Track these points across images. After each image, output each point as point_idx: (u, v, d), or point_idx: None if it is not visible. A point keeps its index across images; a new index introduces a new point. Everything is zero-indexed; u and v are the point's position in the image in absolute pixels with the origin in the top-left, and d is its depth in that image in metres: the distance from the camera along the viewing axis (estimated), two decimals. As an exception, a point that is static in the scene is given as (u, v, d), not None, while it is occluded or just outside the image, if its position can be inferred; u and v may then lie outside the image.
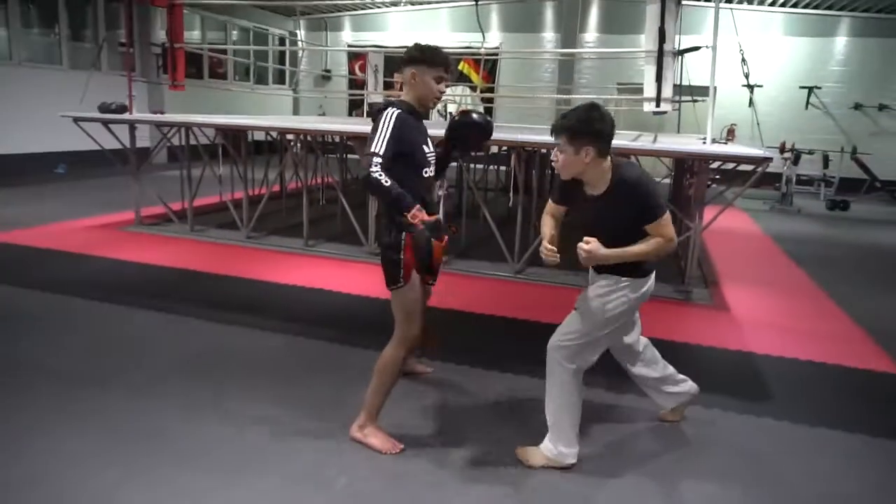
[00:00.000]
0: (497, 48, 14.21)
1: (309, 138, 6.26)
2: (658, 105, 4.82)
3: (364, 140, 5.51)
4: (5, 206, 7.16)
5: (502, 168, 9.75)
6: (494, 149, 9.24)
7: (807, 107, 13.16)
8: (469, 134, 2.77)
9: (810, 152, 11.57)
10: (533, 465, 2.49)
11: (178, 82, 6.56)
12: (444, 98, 2.51)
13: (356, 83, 15.23)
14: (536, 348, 3.72)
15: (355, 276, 5.08)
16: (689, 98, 5.66)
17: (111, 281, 4.65)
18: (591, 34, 14.27)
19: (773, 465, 2.61)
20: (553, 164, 2.34)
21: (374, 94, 10.67)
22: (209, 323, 3.88)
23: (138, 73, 11.91)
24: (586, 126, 2.21)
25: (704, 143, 4.74)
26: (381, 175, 2.30)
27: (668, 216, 2.28)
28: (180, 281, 4.76)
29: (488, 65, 14.77)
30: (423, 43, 2.56)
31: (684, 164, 6.72)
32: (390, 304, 2.56)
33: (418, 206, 2.33)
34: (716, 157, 4.38)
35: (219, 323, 3.88)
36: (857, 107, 13.00)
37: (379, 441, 2.57)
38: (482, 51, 9.78)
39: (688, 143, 5.35)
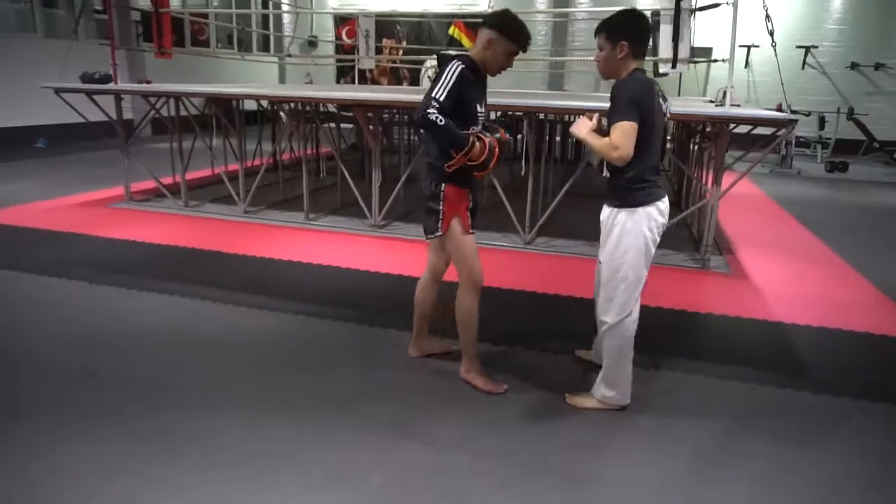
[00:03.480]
0: (488, 11, 13.79)
1: (306, 107, 5.99)
2: (674, 66, 4.61)
3: (365, 107, 5.29)
4: (-14, 184, 6.84)
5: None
6: (495, 115, 9.02)
7: (803, 67, 12.94)
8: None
9: (807, 114, 11.42)
10: (586, 407, 2.66)
11: (166, 49, 6.22)
12: (434, 63, 2.51)
13: (343, 49, 14.78)
14: (549, 322, 3.62)
15: (362, 251, 4.89)
16: (703, 59, 5.44)
17: (105, 261, 4.42)
18: (584, -5, 13.89)
19: (819, 444, 2.51)
20: (596, 64, 2.50)
21: (366, 60, 10.30)
22: (214, 304, 3.69)
23: (116, 41, 11.45)
24: (621, 24, 2.43)
25: (715, 105, 4.57)
26: (437, 116, 2.35)
27: (626, 125, 2.31)
28: (178, 260, 4.55)
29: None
30: (512, 13, 2.55)
31: (691, 128, 6.54)
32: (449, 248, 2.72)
33: (465, 149, 2.44)
34: (740, 120, 4.20)
35: (224, 304, 3.69)
36: (854, 66, 12.82)
37: (482, 382, 2.75)
38: (483, 10, 9.42)
39: (701, 107, 5.17)
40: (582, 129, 2.47)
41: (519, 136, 8.99)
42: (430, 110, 2.35)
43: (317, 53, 15.28)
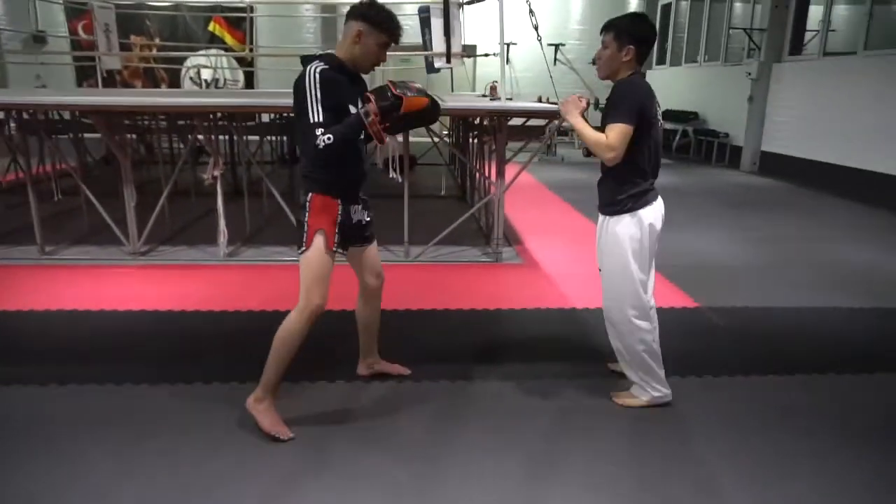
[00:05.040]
0: (251, 4, 12.93)
1: (26, 115, 4.89)
2: (448, 61, 4.56)
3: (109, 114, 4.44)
4: None
5: (275, 138, 8.95)
6: (266, 117, 8.41)
7: (555, 63, 14.19)
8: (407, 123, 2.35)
9: (564, 104, 12.57)
10: (636, 405, 2.67)
11: None
12: (195, 63, 2.17)
13: (81, 46, 12.78)
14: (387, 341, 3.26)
15: (121, 286, 4.08)
16: (478, 54, 5.50)
17: None
18: (350, -9, 13.71)
19: (624, 423, 2.55)
20: (596, 62, 2.46)
21: (109, 59, 8.93)
22: None
23: None
24: (632, 27, 2.38)
25: (490, 99, 4.64)
26: (324, 141, 2.15)
27: (621, 127, 2.29)
28: None
29: (243, 24, 13.40)
30: (378, 2, 2.36)
31: (468, 122, 6.66)
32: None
33: (363, 110, 2.18)
34: (519, 113, 4.28)
35: None
36: (594, 62, 14.38)
37: (268, 422, 2.39)
38: (247, 3, 8.71)
39: (478, 101, 5.22)
40: (574, 111, 2.42)
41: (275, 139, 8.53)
42: (318, 141, 2.14)
43: (47, 50, 13.04)
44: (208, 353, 3.15)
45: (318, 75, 2.18)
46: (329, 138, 2.14)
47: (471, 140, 7.01)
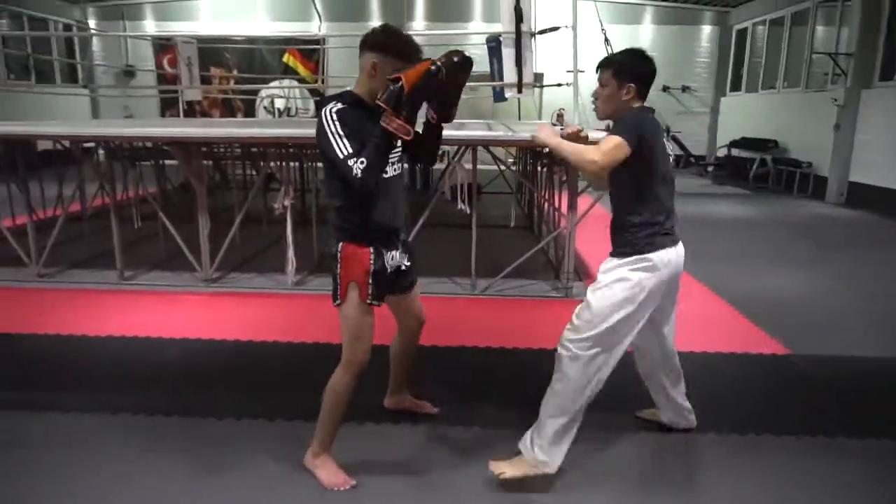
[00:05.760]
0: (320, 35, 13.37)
1: (113, 145, 5.13)
2: (520, 91, 4.49)
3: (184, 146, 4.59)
4: None
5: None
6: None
7: (624, 90, 14.00)
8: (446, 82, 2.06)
9: (633, 133, 12.31)
10: (509, 478, 2.25)
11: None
12: (269, 93, 2.04)
13: (166, 79, 13.53)
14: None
15: (193, 313, 4.16)
16: (551, 84, 5.43)
17: None
18: (418, 22, 13.96)
19: (708, 486, 2.33)
20: (592, 102, 2.38)
21: (190, 91, 9.38)
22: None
23: None
24: (632, 65, 2.29)
25: (561, 129, 4.50)
26: (362, 165, 1.99)
27: (616, 139, 2.12)
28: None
29: (315, 56, 13.86)
30: (391, 27, 2.18)
31: (536, 152, 6.55)
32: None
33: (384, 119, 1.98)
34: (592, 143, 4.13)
35: (14, 410, 2.82)
36: (665, 89, 14.07)
37: (326, 474, 2.31)
38: (319, 36, 9.00)
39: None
40: (549, 132, 2.33)
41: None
42: (354, 171, 1.98)
43: (135, 84, 13.87)
44: (269, 386, 3.13)
45: (333, 114, 2.04)
46: (363, 162, 1.99)
47: (539, 169, 6.89)
